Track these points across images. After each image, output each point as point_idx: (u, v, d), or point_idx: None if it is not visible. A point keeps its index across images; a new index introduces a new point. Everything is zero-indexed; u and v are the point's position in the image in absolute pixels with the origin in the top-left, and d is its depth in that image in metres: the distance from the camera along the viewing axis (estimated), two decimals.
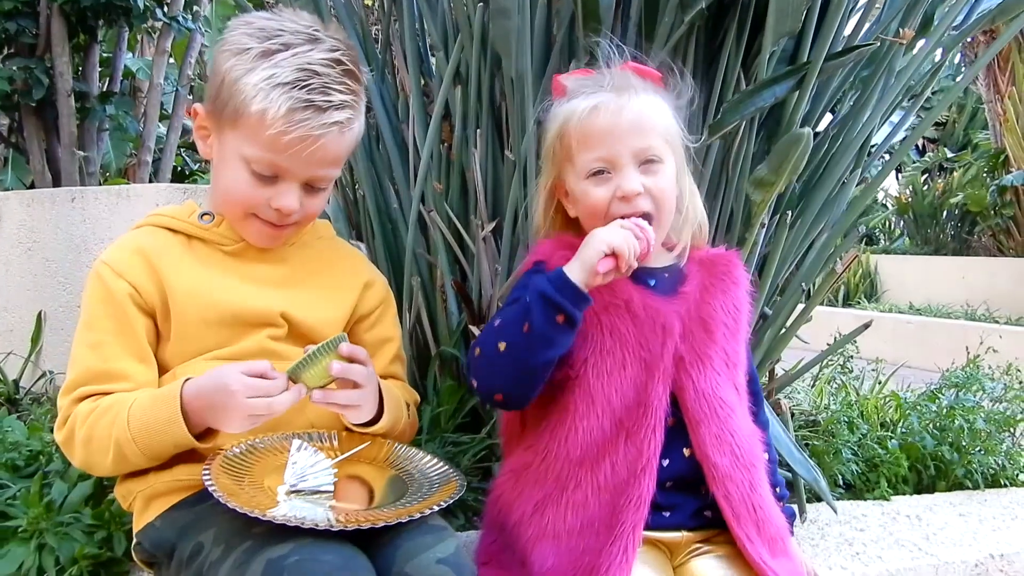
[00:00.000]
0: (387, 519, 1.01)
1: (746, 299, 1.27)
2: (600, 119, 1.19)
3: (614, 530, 1.11)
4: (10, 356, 2.44)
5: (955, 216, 7.58)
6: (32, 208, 2.45)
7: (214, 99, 1.16)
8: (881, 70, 1.76)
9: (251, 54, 1.11)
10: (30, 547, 1.26)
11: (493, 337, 1.15)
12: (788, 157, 1.52)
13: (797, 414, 2.20)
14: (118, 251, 1.19)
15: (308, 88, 1.10)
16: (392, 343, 1.35)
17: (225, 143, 1.16)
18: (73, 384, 1.13)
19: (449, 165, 1.81)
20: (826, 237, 1.85)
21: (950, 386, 2.22)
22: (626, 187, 1.18)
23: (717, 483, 1.15)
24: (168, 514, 1.12)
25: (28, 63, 3.52)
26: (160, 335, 1.18)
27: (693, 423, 1.16)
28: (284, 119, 1.09)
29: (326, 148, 1.13)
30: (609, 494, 1.13)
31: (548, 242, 1.27)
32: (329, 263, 1.30)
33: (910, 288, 6.81)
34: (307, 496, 1.06)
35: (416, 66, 1.85)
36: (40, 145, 3.70)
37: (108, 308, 1.15)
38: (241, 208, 1.18)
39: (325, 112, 1.11)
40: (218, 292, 1.18)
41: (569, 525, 1.14)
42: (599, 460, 1.15)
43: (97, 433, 1.09)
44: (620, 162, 1.18)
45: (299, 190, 1.16)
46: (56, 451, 1.53)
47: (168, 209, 1.26)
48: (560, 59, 1.65)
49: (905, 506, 1.77)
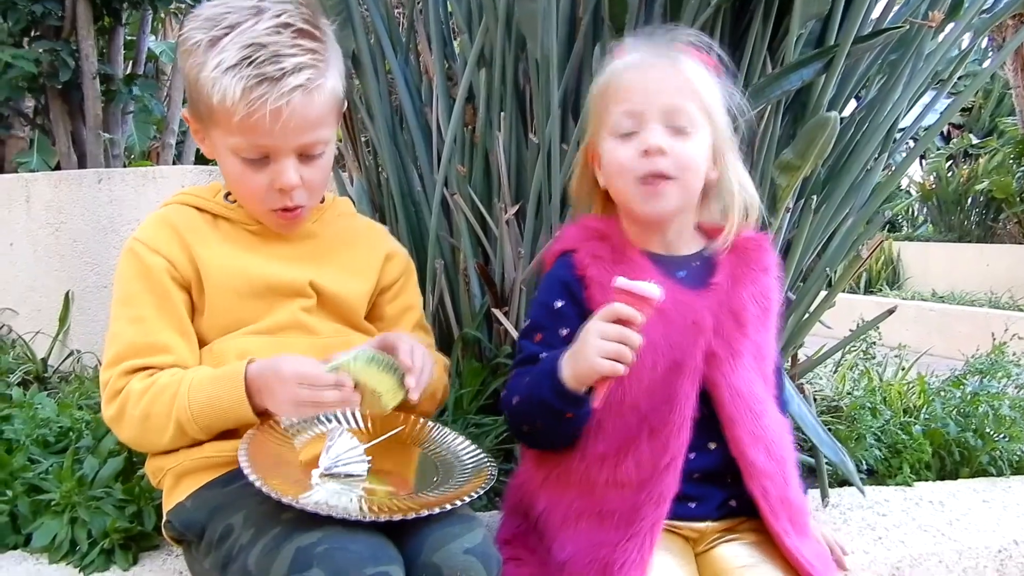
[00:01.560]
0: (417, 510, 1.01)
1: (776, 286, 1.24)
2: (637, 73, 1.17)
3: (632, 526, 1.09)
4: (39, 335, 2.48)
5: (980, 203, 7.48)
6: (59, 189, 2.47)
7: (191, 101, 1.18)
8: (909, 54, 1.74)
9: (200, 47, 1.12)
10: (63, 520, 1.28)
11: (517, 419, 1.17)
12: (814, 141, 1.51)
13: (819, 400, 2.20)
14: (150, 228, 1.21)
15: (256, 63, 1.09)
16: (414, 311, 1.36)
17: (214, 141, 1.18)
18: (116, 358, 1.15)
19: (473, 148, 1.82)
20: (851, 222, 1.84)
21: (974, 372, 2.21)
22: (649, 141, 1.13)
23: (755, 480, 1.14)
24: (198, 494, 1.14)
25: (54, 45, 3.54)
26: (195, 308, 1.20)
27: (728, 421, 1.14)
28: (243, 101, 1.08)
29: (297, 114, 1.11)
30: (631, 489, 1.12)
31: (574, 228, 1.24)
32: (351, 238, 1.31)
33: (933, 275, 6.75)
34: (341, 480, 1.07)
35: (440, 49, 1.85)
36: (66, 127, 3.73)
37: (146, 283, 1.16)
38: (255, 204, 1.20)
39: (280, 80, 1.09)
40: (248, 266, 1.20)
41: (589, 517, 1.13)
42: (623, 456, 1.13)
43: (155, 411, 1.10)
44: (647, 116, 1.15)
45: (294, 163, 1.15)
46: (86, 427, 1.56)
47: (194, 189, 1.28)
48: (585, 41, 1.64)
49: (928, 492, 1.76)
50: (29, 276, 2.56)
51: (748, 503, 1.15)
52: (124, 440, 1.19)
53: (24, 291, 2.58)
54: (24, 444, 1.49)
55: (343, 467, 1.08)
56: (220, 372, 1.12)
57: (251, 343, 1.18)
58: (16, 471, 1.39)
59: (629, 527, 1.09)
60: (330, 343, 1.21)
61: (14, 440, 1.52)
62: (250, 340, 1.18)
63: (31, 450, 1.48)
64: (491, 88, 1.75)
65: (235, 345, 1.18)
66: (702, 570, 1.16)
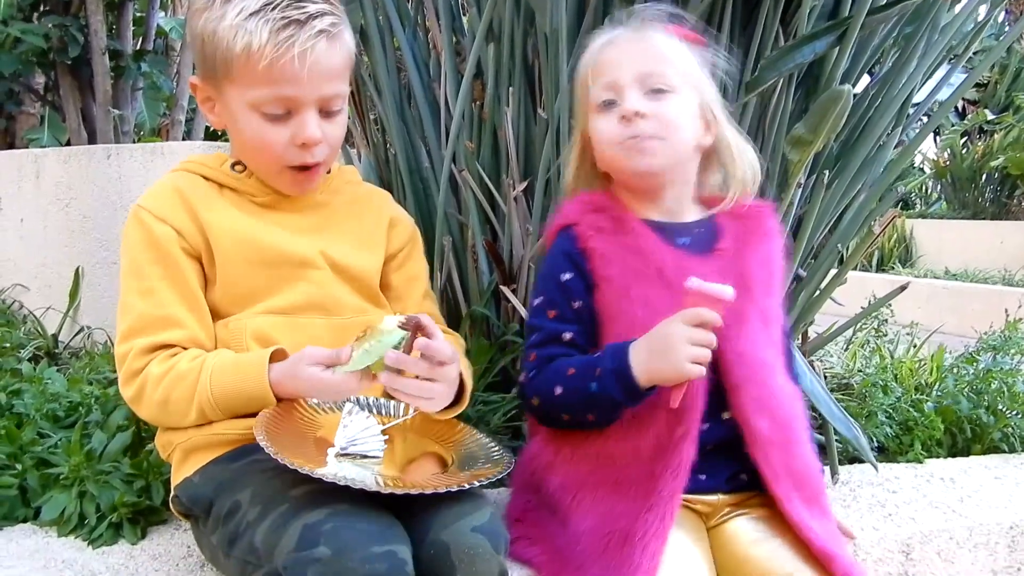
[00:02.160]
0: (435, 486, 1.00)
1: (780, 252, 1.25)
2: (610, 47, 1.19)
3: (651, 497, 1.09)
4: (49, 311, 2.49)
5: (995, 180, 7.41)
6: (69, 165, 2.47)
7: (202, 63, 1.16)
8: (925, 26, 1.71)
9: (216, 1, 1.11)
10: (71, 494, 1.29)
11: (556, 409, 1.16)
12: (827, 115, 1.49)
13: (830, 377, 2.19)
14: (156, 196, 1.19)
15: (280, 6, 1.09)
16: (421, 280, 1.35)
17: (229, 101, 1.15)
18: (129, 332, 1.14)
19: (481, 124, 1.80)
20: (863, 198, 1.82)
21: (987, 349, 2.19)
22: (626, 106, 1.15)
23: (758, 446, 1.14)
24: (206, 469, 1.14)
25: (63, 21, 3.55)
26: (207, 279, 1.18)
27: (732, 386, 1.14)
28: (270, 44, 1.08)
29: (322, 60, 1.11)
30: (647, 461, 1.11)
31: (575, 203, 1.24)
32: (358, 206, 1.30)
33: (947, 253, 6.70)
34: (356, 460, 1.06)
35: (448, 23, 1.83)
36: (76, 103, 3.74)
37: (154, 254, 1.15)
38: (273, 163, 1.17)
39: (306, 23, 1.10)
40: (257, 235, 1.18)
41: (607, 489, 1.13)
42: (639, 428, 1.13)
43: (175, 396, 1.10)
44: (623, 84, 1.16)
45: (316, 117, 1.14)
46: (95, 402, 1.56)
47: (199, 157, 1.25)
48: (595, 16, 1.62)
49: (939, 468, 1.76)
50: (39, 252, 2.57)
51: (758, 476, 1.15)
52: (144, 418, 1.19)
53: (34, 267, 2.59)
54: (34, 418, 1.50)
55: (359, 447, 1.07)
56: (242, 363, 1.11)
57: (267, 322, 1.17)
58: (26, 445, 1.39)
59: (648, 498, 1.09)
60: (350, 323, 1.19)
61: (24, 414, 1.53)
62: (266, 319, 1.17)
63: (40, 424, 1.49)
64: (500, 63, 1.73)
65: (252, 324, 1.16)
66: (714, 546, 1.16)
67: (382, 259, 1.29)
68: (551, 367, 1.17)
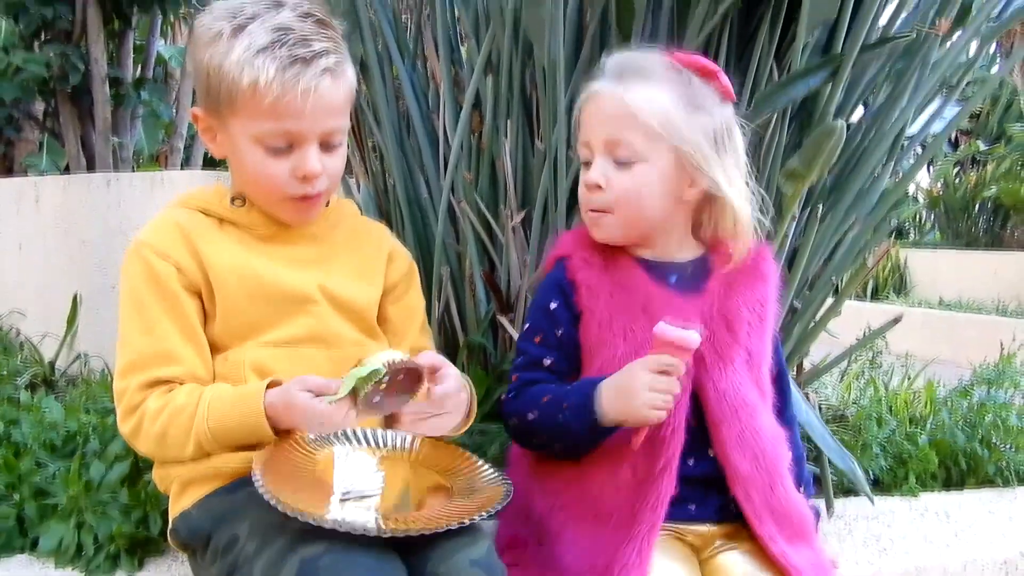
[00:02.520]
0: (436, 526, 1.00)
1: (774, 295, 1.25)
2: (589, 106, 1.20)
3: (631, 529, 1.10)
4: (46, 337, 2.49)
5: (988, 210, 7.46)
6: (69, 192, 2.49)
7: (205, 94, 1.17)
8: (916, 61, 1.73)
9: (224, 36, 1.12)
10: (69, 524, 1.29)
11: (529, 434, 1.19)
12: (821, 149, 1.51)
13: (825, 408, 2.19)
14: (157, 231, 1.19)
15: (288, 44, 1.11)
16: (418, 313, 1.35)
17: (232, 132, 1.17)
18: (128, 367, 1.14)
19: (479, 154, 1.82)
20: (857, 230, 1.84)
21: (981, 382, 2.20)
22: (586, 176, 1.18)
23: (738, 484, 1.15)
24: (204, 502, 1.13)
25: (64, 49, 3.58)
26: (207, 315, 1.19)
27: (714, 424, 1.15)
28: (276, 81, 1.10)
29: (325, 97, 1.13)
30: (627, 493, 1.13)
31: (570, 235, 1.26)
32: (357, 239, 1.31)
33: (941, 283, 6.72)
34: (356, 501, 1.06)
35: (447, 55, 1.86)
36: (75, 130, 3.76)
37: (155, 289, 1.16)
38: (273, 193, 1.19)
39: (312, 62, 1.11)
40: (258, 270, 1.19)
41: (588, 520, 1.14)
42: (618, 461, 1.14)
43: (172, 431, 1.10)
44: (593, 148, 1.19)
45: (317, 150, 1.16)
46: (93, 431, 1.56)
47: (198, 192, 1.26)
48: (592, 48, 1.64)
49: (934, 502, 1.76)
50: (38, 278, 2.57)
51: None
52: (142, 454, 1.19)
53: (32, 293, 2.59)
54: (31, 448, 1.50)
55: (357, 488, 1.07)
56: (238, 394, 1.11)
57: (266, 355, 1.17)
58: (24, 474, 1.39)
59: (628, 530, 1.11)
60: (348, 356, 1.19)
61: (21, 444, 1.53)
62: (265, 351, 1.18)
63: (38, 454, 1.48)
64: (498, 94, 1.75)
65: (250, 356, 1.17)
66: None
67: (380, 292, 1.30)
68: (530, 391, 1.20)
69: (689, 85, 1.18)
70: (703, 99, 1.18)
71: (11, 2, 3.54)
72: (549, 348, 1.21)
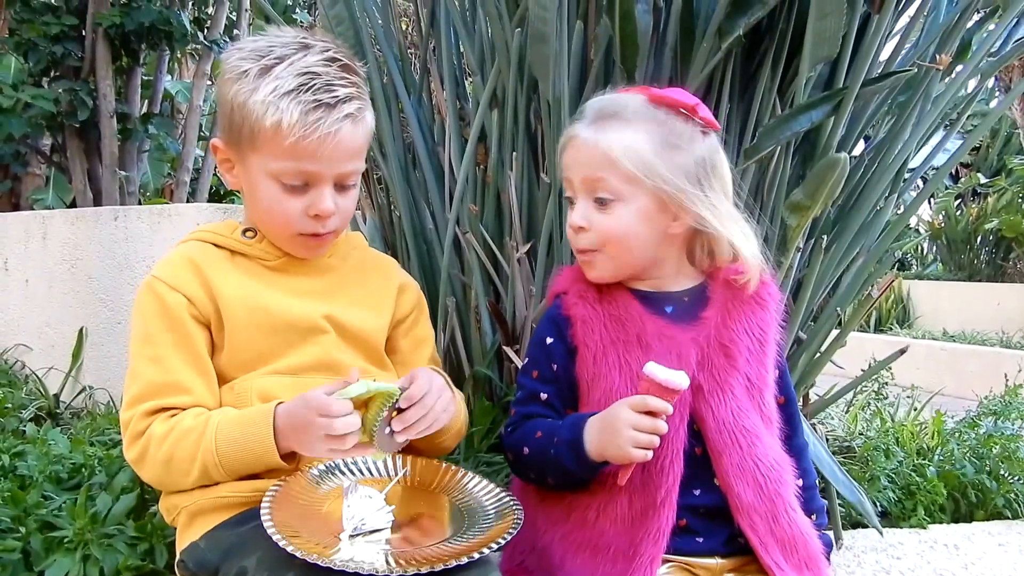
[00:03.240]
0: (444, 561, 0.99)
1: (774, 320, 1.24)
2: (569, 150, 1.21)
3: (632, 561, 1.09)
4: (51, 371, 2.49)
5: (989, 242, 7.49)
6: (76, 226, 2.50)
7: (228, 128, 1.19)
8: (918, 95, 1.76)
9: (251, 75, 1.15)
10: (75, 557, 1.28)
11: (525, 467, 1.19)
12: (824, 182, 1.53)
13: (831, 440, 2.18)
14: (169, 265, 1.21)
15: (313, 89, 1.13)
16: (428, 344, 1.36)
17: (250, 167, 1.19)
18: (136, 398, 1.15)
19: (484, 187, 1.84)
20: (861, 262, 1.85)
21: (988, 413, 2.20)
22: (570, 218, 1.20)
23: (742, 513, 1.14)
24: (212, 534, 1.13)
25: (73, 85, 3.62)
26: (215, 346, 1.19)
27: (715, 453, 1.15)
28: (299, 124, 1.12)
29: (345, 142, 1.15)
30: (627, 525, 1.12)
31: (568, 271, 1.26)
32: (365, 272, 1.32)
33: (944, 314, 6.73)
34: (367, 537, 1.05)
35: (452, 89, 1.88)
36: (82, 165, 3.80)
37: (165, 322, 1.17)
38: (285, 229, 1.20)
39: (335, 107, 1.14)
40: (267, 303, 1.20)
41: (589, 551, 1.13)
42: (616, 492, 1.13)
43: (179, 455, 1.10)
44: (576, 189, 1.20)
45: (332, 191, 1.18)
46: (98, 463, 1.56)
47: (210, 226, 1.29)
48: (596, 83, 1.66)
49: (943, 535, 1.75)
50: (44, 312, 2.58)
51: None
52: (146, 480, 1.18)
53: (38, 327, 2.60)
54: (38, 481, 1.49)
55: (367, 524, 1.06)
56: (247, 415, 1.12)
57: (273, 383, 1.18)
58: (30, 508, 1.39)
59: (629, 562, 1.10)
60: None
61: (27, 476, 1.52)
62: (272, 380, 1.18)
63: (44, 487, 1.48)
64: (503, 128, 1.77)
65: (257, 384, 1.17)
66: None
67: (388, 322, 1.30)
68: (526, 426, 1.20)
69: (666, 124, 1.17)
70: (680, 137, 1.17)
71: (21, 40, 3.59)
72: (546, 383, 1.21)
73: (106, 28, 3.53)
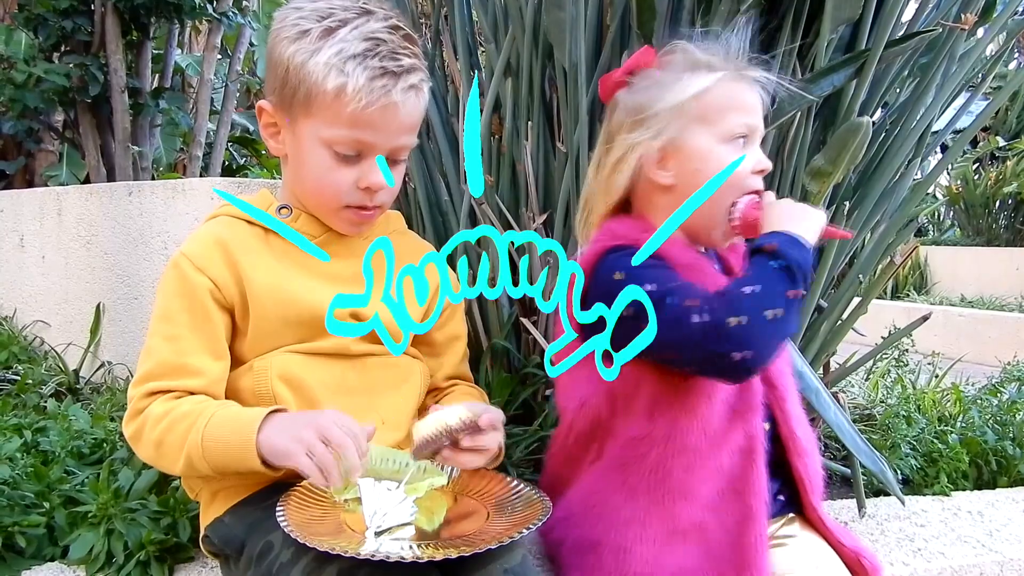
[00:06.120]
0: (475, 548, 0.98)
1: None
2: (750, 90, 1.19)
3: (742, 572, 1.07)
4: (70, 347, 2.50)
5: (1008, 206, 7.39)
6: (90, 202, 2.50)
7: (280, 90, 1.13)
8: (942, 57, 1.72)
9: (312, 35, 1.09)
10: (99, 532, 1.29)
11: (758, 306, 1.03)
12: (846, 147, 1.50)
13: (852, 408, 2.17)
14: (198, 244, 1.17)
15: (379, 56, 1.09)
16: (461, 341, 1.33)
17: (300, 132, 1.13)
18: (146, 376, 1.12)
19: (500, 157, 1.81)
20: (883, 228, 1.82)
21: (1011, 380, 2.18)
22: (765, 163, 1.18)
23: (799, 457, 1.16)
24: (236, 509, 1.12)
25: (84, 60, 3.60)
26: (237, 330, 1.16)
27: (779, 398, 1.16)
28: (365, 90, 1.07)
29: (407, 113, 1.12)
30: (733, 530, 1.09)
31: (624, 223, 1.19)
32: (403, 259, 1.29)
33: (961, 280, 6.67)
34: (391, 532, 1.04)
35: (466, 59, 1.86)
36: (95, 140, 3.78)
37: (186, 302, 1.13)
38: (333, 200, 1.15)
39: (400, 77, 1.09)
40: (297, 290, 1.16)
41: (679, 543, 1.09)
42: (719, 446, 1.09)
43: (169, 439, 1.07)
44: (756, 135, 1.18)
45: (384, 164, 1.13)
46: (120, 439, 1.57)
47: (244, 198, 1.22)
48: (612, 49, 1.64)
49: (966, 502, 1.74)
50: (61, 288, 2.59)
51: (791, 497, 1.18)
52: (142, 459, 1.16)
53: (56, 303, 2.61)
54: (60, 456, 1.50)
55: (389, 517, 1.05)
56: (241, 414, 1.08)
57: (293, 360, 1.15)
58: (53, 483, 1.40)
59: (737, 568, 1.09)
60: (376, 363, 1.19)
61: (50, 452, 1.53)
62: (292, 357, 1.15)
63: (67, 462, 1.49)
64: (518, 97, 1.75)
65: (277, 362, 1.15)
66: None
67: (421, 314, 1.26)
68: (725, 293, 1.06)
69: None
70: None
71: (31, 15, 3.57)
72: None
73: (115, 2, 3.49)
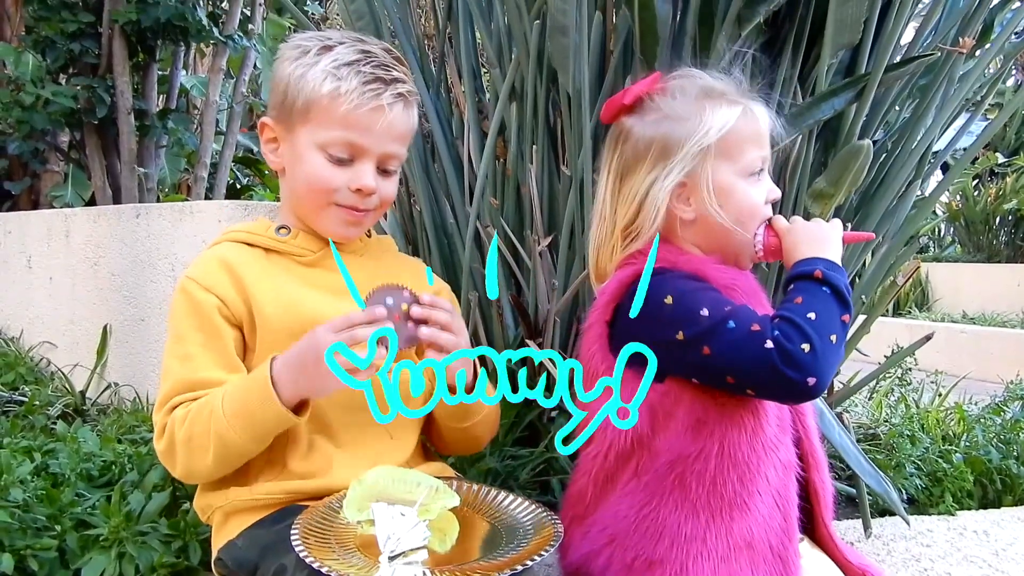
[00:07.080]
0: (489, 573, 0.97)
1: None
2: (765, 120, 1.20)
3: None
4: (77, 368, 2.52)
5: (1008, 222, 7.41)
6: (98, 224, 2.52)
7: (280, 104, 1.22)
8: (941, 78, 1.74)
9: (311, 52, 1.20)
10: (111, 555, 1.30)
11: (821, 331, 1.03)
12: (848, 168, 1.52)
13: (856, 427, 2.18)
14: (203, 266, 1.22)
15: (372, 64, 1.19)
16: None
17: (297, 140, 1.21)
18: (165, 397, 1.16)
19: (505, 180, 1.83)
20: (885, 248, 1.84)
21: (1015, 398, 2.18)
22: (776, 192, 1.21)
23: (817, 472, 1.16)
24: (249, 532, 1.14)
25: (91, 82, 3.64)
26: (247, 346, 1.20)
27: (800, 412, 1.17)
28: (357, 92, 1.17)
29: (395, 120, 1.19)
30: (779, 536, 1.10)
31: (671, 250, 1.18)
32: (398, 274, 1.32)
33: (963, 296, 6.67)
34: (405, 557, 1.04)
35: (471, 82, 1.88)
36: (101, 161, 3.82)
37: (196, 320, 1.18)
38: (323, 195, 1.21)
39: (390, 84, 1.19)
40: (300, 303, 1.20)
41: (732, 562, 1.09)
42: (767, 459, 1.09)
43: (196, 431, 1.11)
44: (768, 165, 1.21)
45: (374, 169, 1.21)
46: (129, 461, 1.58)
47: (243, 225, 1.29)
48: (616, 74, 1.66)
49: (971, 521, 1.74)
50: (68, 310, 2.60)
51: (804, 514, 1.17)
52: (177, 473, 1.18)
53: (63, 324, 2.62)
54: (71, 479, 1.51)
55: (403, 544, 1.05)
56: (248, 375, 1.14)
57: None
58: (64, 506, 1.41)
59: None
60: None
61: (59, 475, 1.54)
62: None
63: (77, 485, 1.50)
64: (523, 121, 1.77)
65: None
66: None
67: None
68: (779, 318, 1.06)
69: None
70: None
71: (39, 38, 3.61)
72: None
73: (122, 25, 3.54)
